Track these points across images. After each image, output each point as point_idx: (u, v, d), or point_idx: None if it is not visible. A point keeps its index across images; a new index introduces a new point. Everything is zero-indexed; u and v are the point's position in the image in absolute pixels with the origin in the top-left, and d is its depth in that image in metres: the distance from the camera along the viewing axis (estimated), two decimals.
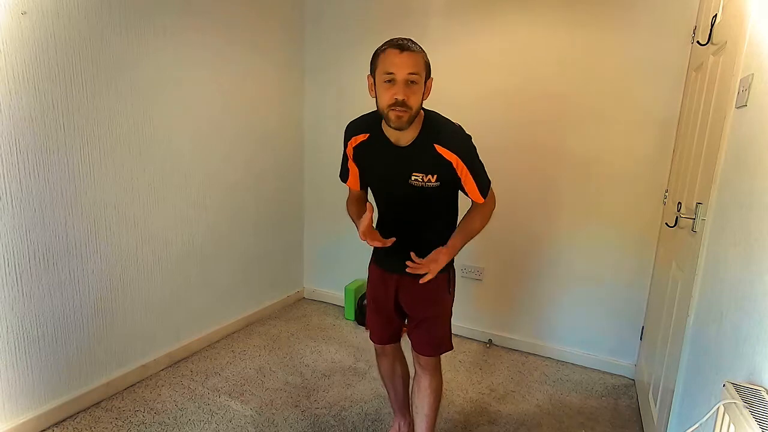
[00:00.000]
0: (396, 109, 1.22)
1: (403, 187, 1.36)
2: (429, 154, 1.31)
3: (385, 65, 1.22)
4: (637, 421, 1.99)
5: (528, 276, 2.54)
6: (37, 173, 1.64)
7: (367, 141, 1.39)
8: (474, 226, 1.41)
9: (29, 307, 1.67)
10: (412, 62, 1.21)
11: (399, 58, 1.20)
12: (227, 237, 2.55)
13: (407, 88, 1.21)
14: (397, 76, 1.20)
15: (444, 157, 1.30)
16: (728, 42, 1.33)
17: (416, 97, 1.23)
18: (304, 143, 3.08)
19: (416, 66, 1.21)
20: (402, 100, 1.21)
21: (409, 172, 1.33)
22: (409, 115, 1.23)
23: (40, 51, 1.60)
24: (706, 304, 1.25)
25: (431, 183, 1.33)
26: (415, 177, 1.33)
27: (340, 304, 3.10)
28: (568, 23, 2.25)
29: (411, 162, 1.33)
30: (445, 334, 1.54)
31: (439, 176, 1.33)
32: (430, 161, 1.31)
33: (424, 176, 1.33)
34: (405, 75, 1.20)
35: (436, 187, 1.34)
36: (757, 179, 0.99)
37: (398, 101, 1.21)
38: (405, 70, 1.20)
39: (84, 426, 1.80)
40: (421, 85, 1.24)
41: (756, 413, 0.76)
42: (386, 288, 1.53)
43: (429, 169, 1.32)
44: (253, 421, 1.89)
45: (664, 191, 2.14)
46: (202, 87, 2.27)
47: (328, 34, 2.88)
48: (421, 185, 1.34)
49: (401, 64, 1.20)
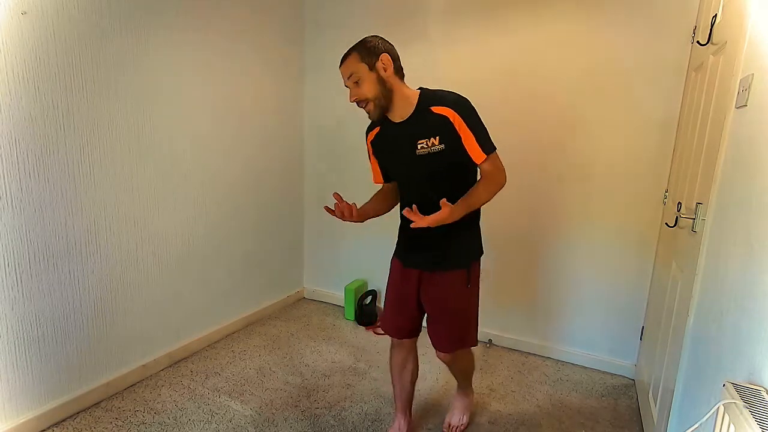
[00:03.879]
0: (360, 106, 1.45)
1: (414, 161, 1.44)
2: (427, 118, 1.41)
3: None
4: (637, 421, 1.99)
5: (528, 276, 2.54)
6: (37, 173, 1.64)
7: (379, 132, 1.56)
8: (478, 195, 1.43)
9: (29, 307, 1.67)
10: (347, 69, 1.41)
11: (341, 70, 1.44)
12: (227, 237, 2.55)
13: (356, 88, 1.41)
14: (345, 84, 1.44)
15: (442, 114, 1.39)
16: (728, 42, 1.32)
17: (367, 87, 1.40)
18: (304, 143, 3.08)
19: (352, 68, 1.40)
20: (355, 99, 1.43)
21: (415, 141, 1.42)
22: (371, 104, 1.42)
23: (40, 51, 1.60)
24: (706, 304, 1.25)
25: (436, 146, 1.40)
26: (421, 144, 1.42)
27: (340, 304, 3.10)
28: (567, 23, 2.25)
29: (414, 130, 1.43)
30: (464, 330, 1.58)
31: (442, 137, 1.39)
32: (430, 123, 1.40)
33: (427, 141, 1.41)
34: (347, 81, 1.43)
35: (443, 151, 1.40)
36: (757, 179, 0.99)
37: (356, 102, 1.44)
38: (345, 77, 1.43)
39: (84, 426, 1.80)
40: (366, 77, 1.39)
41: (756, 413, 0.76)
42: (408, 283, 1.58)
43: (431, 132, 1.40)
44: (253, 421, 1.89)
45: (664, 191, 2.14)
46: (202, 87, 2.27)
47: (328, 34, 2.88)
48: (428, 151, 1.41)
49: (343, 73, 1.43)
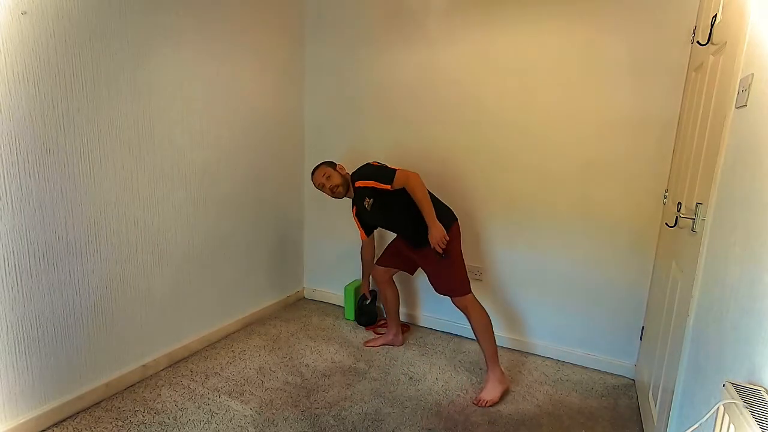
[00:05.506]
0: (333, 192, 2.27)
1: (369, 213, 2.26)
2: (357, 191, 2.25)
3: (314, 183, 2.33)
4: (637, 421, 1.99)
5: (528, 276, 2.54)
6: (37, 173, 1.64)
7: (355, 207, 2.36)
8: (421, 204, 2.07)
9: (29, 307, 1.67)
10: (319, 173, 2.30)
11: (315, 177, 2.31)
12: (227, 237, 2.55)
13: (328, 181, 2.26)
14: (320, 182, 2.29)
15: (359, 186, 2.21)
16: (728, 42, 1.32)
17: (335, 179, 2.26)
18: (304, 143, 3.08)
19: (323, 171, 2.29)
20: (329, 186, 2.26)
21: (362, 204, 2.25)
22: (341, 187, 2.26)
23: (40, 51, 1.60)
24: (706, 304, 1.25)
25: (370, 202, 2.22)
26: (365, 204, 2.24)
27: (340, 304, 3.10)
28: (567, 23, 2.25)
29: (360, 199, 2.26)
30: (452, 284, 2.15)
31: (369, 195, 2.20)
32: (360, 193, 2.24)
33: (365, 202, 2.23)
34: (322, 179, 2.27)
35: (374, 201, 2.20)
36: (757, 179, 0.99)
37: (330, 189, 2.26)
38: (319, 178, 2.29)
39: (84, 426, 1.80)
40: (333, 174, 2.26)
41: (756, 413, 0.76)
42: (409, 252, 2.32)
43: (363, 197, 2.23)
44: (253, 421, 1.89)
45: (664, 191, 2.14)
46: (202, 87, 2.27)
47: (328, 34, 2.88)
48: (370, 204, 2.22)
49: (316, 178, 2.31)
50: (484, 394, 2.09)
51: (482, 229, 2.62)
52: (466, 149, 2.58)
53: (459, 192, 2.60)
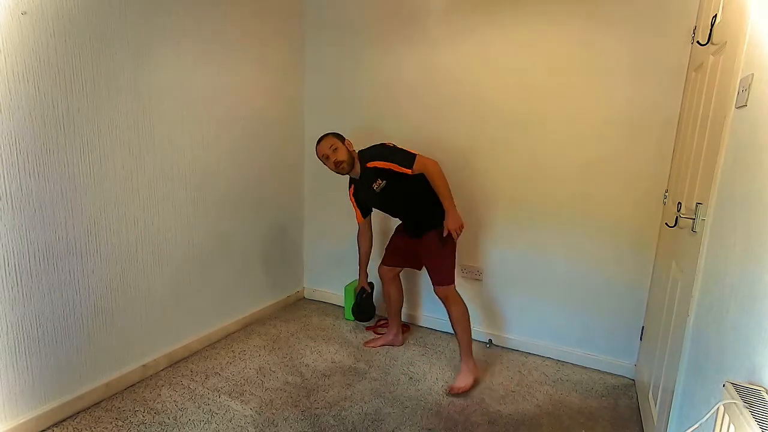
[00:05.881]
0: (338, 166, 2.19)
1: (375, 195, 2.23)
2: (369, 171, 2.19)
3: (318, 153, 2.24)
4: (637, 421, 1.99)
5: (528, 276, 2.54)
6: (37, 173, 1.63)
7: (354, 187, 2.36)
8: (440, 190, 2.11)
9: (29, 307, 1.67)
10: (326, 143, 2.20)
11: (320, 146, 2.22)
12: (227, 237, 2.55)
13: (334, 153, 2.18)
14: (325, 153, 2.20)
15: (374, 167, 2.17)
16: (728, 42, 1.32)
17: (341, 153, 2.18)
18: (304, 143, 3.08)
19: (330, 142, 2.20)
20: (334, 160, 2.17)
21: (370, 185, 2.21)
22: (346, 163, 2.18)
23: (40, 51, 1.60)
24: (706, 304, 1.25)
25: (382, 184, 2.17)
26: (374, 186, 2.19)
27: (340, 304, 3.10)
28: (567, 23, 2.25)
29: (367, 180, 2.22)
30: (443, 273, 2.20)
31: (382, 177, 2.16)
32: (372, 174, 2.19)
33: (376, 183, 2.19)
34: (328, 150, 2.19)
35: (386, 183, 2.17)
36: (757, 179, 0.99)
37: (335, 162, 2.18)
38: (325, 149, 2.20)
39: (84, 426, 1.80)
40: (340, 147, 2.19)
41: (756, 413, 0.76)
42: (410, 244, 2.35)
43: (375, 178, 2.18)
44: (253, 421, 1.89)
45: (664, 191, 2.14)
46: (202, 87, 2.27)
47: (328, 34, 2.88)
48: (379, 187, 2.18)
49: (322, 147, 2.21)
50: (458, 382, 2.17)
51: (482, 228, 2.62)
52: (466, 149, 2.58)
53: (459, 192, 2.59)
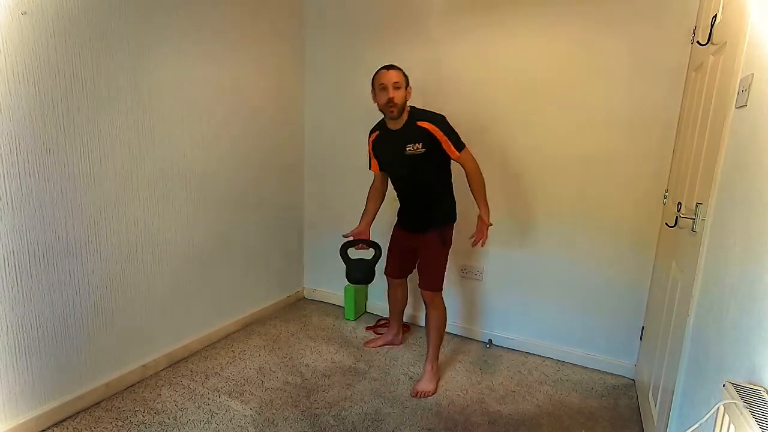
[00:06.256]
0: (389, 104, 1.94)
1: (402, 158, 2.02)
2: (414, 129, 1.98)
3: (379, 79, 1.98)
4: (637, 421, 1.99)
5: (528, 276, 2.54)
6: (37, 173, 1.63)
7: (379, 135, 2.15)
8: (476, 188, 2.06)
9: (29, 307, 1.67)
10: (394, 75, 1.96)
11: (387, 73, 1.96)
12: (227, 237, 2.55)
13: (394, 90, 1.93)
14: (386, 83, 1.94)
15: (425, 128, 1.96)
16: (728, 42, 1.32)
17: (400, 95, 1.95)
18: (304, 143, 3.08)
19: (398, 77, 1.96)
20: (391, 97, 1.93)
21: (404, 144, 2.00)
22: (397, 108, 1.95)
23: (40, 51, 1.60)
24: (706, 304, 1.25)
25: (419, 150, 1.97)
26: (408, 147, 1.98)
27: (340, 304, 3.10)
28: (567, 23, 2.25)
29: (404, 137, 2.00)
30: (435, 279, 2.16)
31: (424, 143, 1.96)
32: (416, 133, 1.97)
33: (413, 145, 1.97)
34: (391, 82, 1.93)
35: (424, 152, 1.97)
36: (757, 179, 0.99)
37: (389, 99, 1.93)
38: (390, 79, 1.94)
39: (84, 426, 1.80)
40: (402, 89, 1.96)
41: (756, 413, 0.76)
42: (409, 241, 2.24)
43: (416, 139, 1.97)
44: (253, 421, 1.89)
45: (664, 191, 2.14)
46: (202, 87, 2.27)
47: (328, 34, 2.88)
48: (413, 152, 1.98)
49: (388, 75, 1.95)
50: (422, 385, 2.16)
51: None
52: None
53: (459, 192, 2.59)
